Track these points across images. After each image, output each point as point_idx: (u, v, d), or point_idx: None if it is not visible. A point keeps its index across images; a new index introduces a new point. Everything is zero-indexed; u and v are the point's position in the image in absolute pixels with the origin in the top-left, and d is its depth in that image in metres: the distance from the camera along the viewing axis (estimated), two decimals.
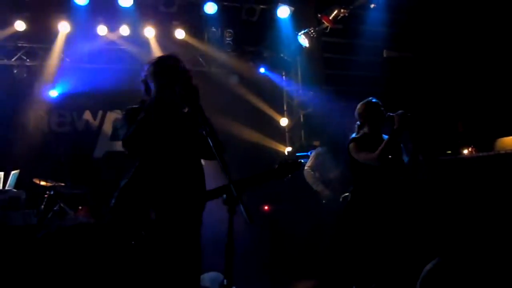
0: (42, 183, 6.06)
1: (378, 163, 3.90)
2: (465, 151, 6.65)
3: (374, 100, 4.18)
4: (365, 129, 4.18)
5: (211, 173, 3.10)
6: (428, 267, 1.48)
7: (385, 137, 4.05)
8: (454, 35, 7.90)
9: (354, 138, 4.15)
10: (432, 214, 5.04)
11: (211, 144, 2.42)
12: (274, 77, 8.61)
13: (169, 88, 2.72)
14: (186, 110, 2.89)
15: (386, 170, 3.99)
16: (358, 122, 4.27)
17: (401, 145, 4.17)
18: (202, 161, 2.97)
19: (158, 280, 2.69)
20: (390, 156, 3.94)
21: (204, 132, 2.50)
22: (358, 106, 4.23)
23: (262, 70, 8.48)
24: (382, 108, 4.13)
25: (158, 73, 2.85)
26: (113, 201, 2.77)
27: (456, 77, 7.97)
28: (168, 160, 2.78)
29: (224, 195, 2.27)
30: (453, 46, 7.99)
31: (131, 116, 2.81)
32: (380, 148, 3.88)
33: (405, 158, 4.12)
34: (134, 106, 2.93)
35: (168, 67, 2.87)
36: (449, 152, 6.68)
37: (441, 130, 7.41)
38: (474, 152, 6.46)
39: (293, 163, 3.00)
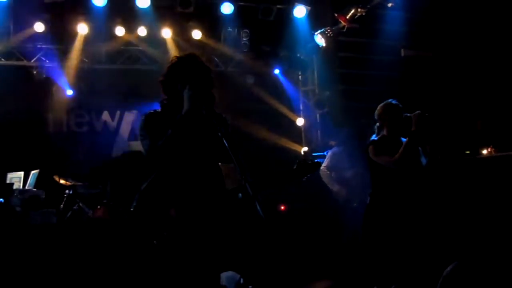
0: (62, 182, 6.14)
1: (398, 166, 3.86)
2: (484, 151, 6.57)
3: (393, 102, 4.11)
4: (384, 132, 4.13)
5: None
6: (448, 269, 1.47)
7: (404, 140, 4.02)
8: (473, 34, 7.81)
9: (372, 140, 4.11)
10: (451, 215, 4.99)
11: (227, 146, 2.42)
12: (286, 81, 8.59)
13: (196, 91, 2.70)
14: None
15: (404, 173, 3.95)
16: (377, 124, 4.24)
17: (419, 147, 4.12)
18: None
19: (179, 280, 2.69)
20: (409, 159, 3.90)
21: (220, 134, 2.49)
22: (378, 107, 4.18)
23: (276, 71, 8.47)
24: (402, 110, 4.08)
25: (183, 75, 2.81)
26: (134, 203, 2.78)
27: (475, 75, 7.87)
28: (189, 163, 2.77)
29: (240, 195, 2.26)
30: (471, 45, 7.90)
31: (152, 123, 2.81)
32: (399, 151, 3.84)
33: (423, 160, 4.07)
34: (152, 111, 2.93)
35: (191, 68, 2.86)
36: (468, 152, 6.61)
37: (460, 129, 7.33)
38: (493, 152, 6.38)
39: (312, 164, 2.97)
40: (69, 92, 7.51)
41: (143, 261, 2.68)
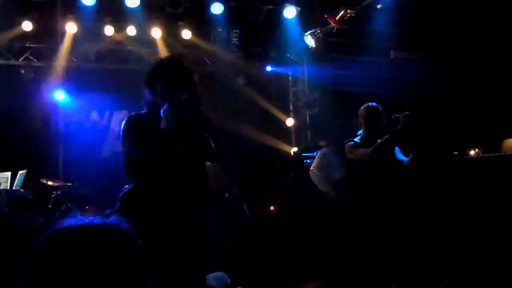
0: (49, 183, 6.09)
1: (371, 158, 3.93)
2: (472, 152, 6.61)
3: (373, 105, 4.24)
4: (363, 133, 4.25)
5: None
6: None
7: None
8: (461, 36, 7.87)
9: (350, 139, 4.23)
10: (437, 215, 5.02)
11: (213, 146, 2.41)
12: (281, 71, 8.62)
13: (176, 93, 2.68)
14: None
15: (380, 170, 4.02)
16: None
17: (397, 147, 4.21)
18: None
19: (164, 280, 2.68)
20: (384, 156, 3.98)
21: (206, 135, 2.48)
22: (360, 109, 4.29)
23: (268, 68, 8.48)
24: (380, 112, 4.18)
25: (165, 78, 2.80)
26: (118, 203, 2.78)
27: (463, 77, 7.93)
28: (173, 164, 2.76)
29: (227, 195, 2.26)
30: (460, 47, 7.96)
31: (132, 128, 2.79)
32: (376, 144, 3.92)
33: (402, 157, 4.14)
34: (134, 114, 2.92)
35: (174, 71, 2.84)
36: (456, 152, 6.64)
37: (448, 130, 7.38)
38: (480, 153, 6.42)
39: (295, 162, 2.98)
40: (58, 91, 7.46)
41: (129, 261, 2.67)
